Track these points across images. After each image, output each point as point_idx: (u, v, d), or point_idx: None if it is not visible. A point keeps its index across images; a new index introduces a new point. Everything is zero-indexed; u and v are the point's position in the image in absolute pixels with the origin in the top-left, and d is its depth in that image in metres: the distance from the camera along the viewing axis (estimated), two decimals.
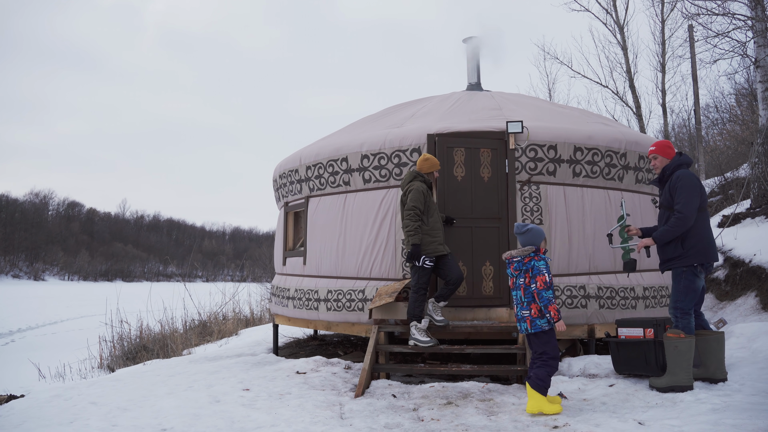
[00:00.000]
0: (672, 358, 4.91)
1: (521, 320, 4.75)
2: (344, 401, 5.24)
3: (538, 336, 4.68)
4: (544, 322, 4.62)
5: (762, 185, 10.77)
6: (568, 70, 29.45)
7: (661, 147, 5.27)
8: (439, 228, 6.16)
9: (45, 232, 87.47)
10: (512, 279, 4.82)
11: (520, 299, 4.75)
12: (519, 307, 4.77)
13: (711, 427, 3.90)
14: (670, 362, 4.94)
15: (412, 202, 6.02)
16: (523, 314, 4.72)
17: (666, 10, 18.91)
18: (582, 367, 5.97)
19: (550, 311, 4.58)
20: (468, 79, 9.00)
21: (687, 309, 5.02)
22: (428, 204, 6.12)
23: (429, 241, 6.07)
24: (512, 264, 4.79)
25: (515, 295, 4.81)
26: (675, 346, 4.90)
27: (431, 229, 6.10)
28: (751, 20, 11.40)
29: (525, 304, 4.72)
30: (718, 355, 5.09)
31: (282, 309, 8.08)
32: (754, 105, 16.21)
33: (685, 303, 5.02)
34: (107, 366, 11.31)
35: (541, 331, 4.65)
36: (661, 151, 5.24)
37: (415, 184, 6.11)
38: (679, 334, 4.92)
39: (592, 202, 6.68)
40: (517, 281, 4.77)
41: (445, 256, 6.13)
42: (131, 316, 13.15)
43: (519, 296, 4.77)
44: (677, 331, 4.95)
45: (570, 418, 4.46)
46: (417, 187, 6.07)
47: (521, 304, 4.75)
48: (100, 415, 4.93)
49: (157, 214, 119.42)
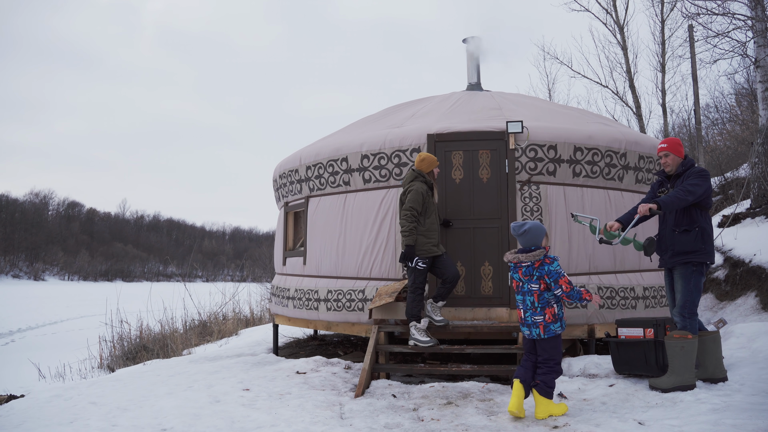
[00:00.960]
0: (678, 358, 4.90)
1: (533, 326, 4.57)
2: (344, 401, 5.24)
3: (549, 341, 4.55)
4: (557, 326, 4.55)
5: (762, 185, 10.77)
6: (568, 70, 29.47)
7: (673, 144, 5.20)
8: (436, 229, 6.15)
9: (45, 232, 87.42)
10: (517, 283, 4.67)
11: (532, 305, 4.56)
12: (530, 312, 4.57)
13: (711, 427, 3.90)
14: (674, 363, 4.92)
15: (409, 203, 6.02)
16: (536, 320, 4.55)
17: (666, 10, 18.90)
18: (582, 367, 5.97)
19: (586, 298, 4.50)
20: (468, 79, 9.01)
21: (695, 309, 5.03)
22: (427, 205, 6.11)
23: (423, 242, 6.08)
24: (520, 269, 4.60)
25: (524, 300, 4.61)
26: (681, 347, 4.89)
27: (427, 230, 6.09)
28: (751, 20, 11.39)
29: (539, 310, 4.54)
30: (716, 355, 5.10)
31: (282, 309, 8.08)
32: (754, 105, 16.22)
33: (694, 303, 5.03)
34: (107, 366, 11.31)
35: (553, 335, 4.54)
36: (673, 149, 5.18)
37: (415, 184, 6.10)
38: (685, 335, 4.92)
39: (592, 202, 6.68)
40: (527, 286, 4.59)
41: (440, 255, 6.13)
42: (131, 316, 13.15)
43: (531, 302, 4.57)
44: (684, 332, 4.94)
45: (570, 418, 4.46)
46: (417, 188, 6.06)
47: (533, 309, 4.56)
48: (100, 415, 4.92)
49: (157, 214, 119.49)
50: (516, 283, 4.69)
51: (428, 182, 6.20)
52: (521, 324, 4.69)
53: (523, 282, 4.61)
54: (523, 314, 4.62)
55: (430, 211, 6.12)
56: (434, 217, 6.16)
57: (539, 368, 4.59)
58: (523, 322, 4.66)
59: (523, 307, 4.63)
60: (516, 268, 4.63)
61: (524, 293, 4.61)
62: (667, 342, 5.01)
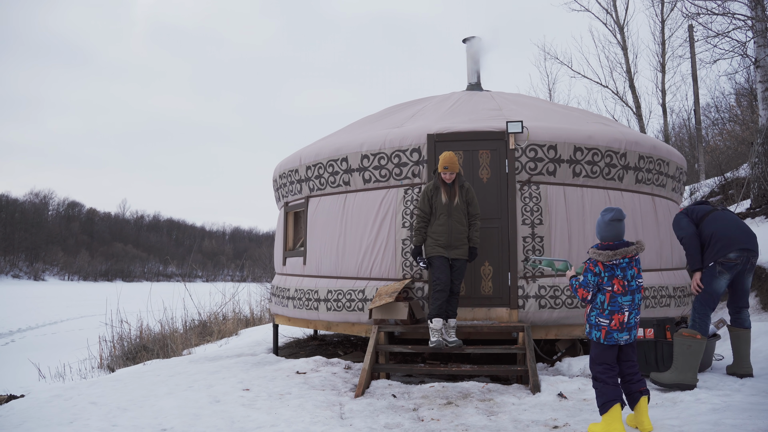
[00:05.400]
0: (684, 356, 4.98)
1: (634, 328, 4.02)
2: (344, 401, 5.24)
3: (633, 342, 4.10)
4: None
5: (762, 185, 10.77)
6: (568, 70, 29.48)
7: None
8: (443, 232, 5.96)
9: (45, 232, 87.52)
10: (621, 282, 3.98)
11: (638, 303, 4.04)
12: (635, 312, 4.02)
13: (711, 427, 3.90)
14: (679, 360, 5.01)
15: (417, 204, 6.06)
16: (637, 320, 4.05)
17: (666, 10, 18.94)
18: (582, 368, 5.98)
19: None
20: (468, 79, 9.01)
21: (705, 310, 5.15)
22: (435, 205, 6.03)
23: (428, 242, 6.05)
24: (633, 262, 4.04)
25: (633, 299, 4.00)
26: (688, 346, 4.98)
27: (433, 231, 6.03)
28: (751, 20, 11.38)
29: (639, 308, 4.05)
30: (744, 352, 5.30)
31: (282, 309, 8.08)
32: (754, 105, 16.21)
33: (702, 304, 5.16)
34: (107, 366, 11.31)
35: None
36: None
37: (425, 185, 6.15)
38: (695, 335, 5.01)
39: (592, 202, 6.68)
40: (635, 283, 4.02)
41: (436, 257, 5.96)
42: (131, 316, 13.14)
43: (639, 299, 4.04)
44: (694, 332, 5.04)
45: (570, 418, 4.46)
46: (424, 188, 6.13)
47: (638, 308, 4.04)
48: (100, 415, 4.92)
49: (157, 214, 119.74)
50: (621, 282, 3.99)
51: (436, 183, 6.11)
52: (618, 331, 3.97)
53: (633, 278, 4.03)
54: (627, 317, 3.99)
55: (438, 211, 6.02)
56: (443, 218, 5.99)
57: (633, 375, 4.08)
58: (622, 328, 3.98)
59: (629, 308, 4.00)
60: (630, 263, 4.02)
61: (633, 291, 4.01)
62: (675, 338, 5.12)
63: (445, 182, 5.99)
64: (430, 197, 6.05)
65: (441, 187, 6.02)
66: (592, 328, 4.05)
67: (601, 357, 4.01)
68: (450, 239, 5.96)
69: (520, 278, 6.43)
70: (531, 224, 6.49)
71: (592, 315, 4.06)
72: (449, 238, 5.96)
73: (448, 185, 6.00)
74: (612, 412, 3.88)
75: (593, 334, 4.03)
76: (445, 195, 5.99)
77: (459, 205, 6.00)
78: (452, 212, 5.99)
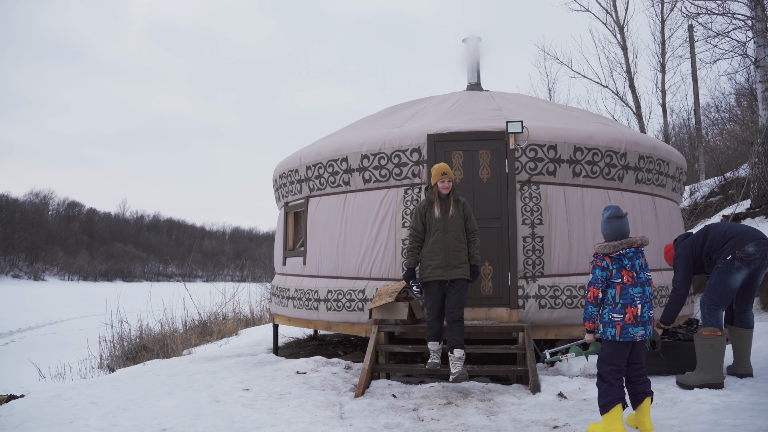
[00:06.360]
0: (707, 355, 4.95)
1: (648, 322, 3.94)
2: (344, 401, 5.24)
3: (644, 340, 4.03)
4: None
5: (762, 185, 10.77)
6: (568, 70, 29.46)
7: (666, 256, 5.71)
8: (440, 250, 5.44)
9: (45, 232, 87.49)
10: (631, 273, 3.95)
11: (649, 297, 3.97)
12: (648, 306, 3.94)
13: (711, 427, 3.90)
14: (703, 360, 4.97)
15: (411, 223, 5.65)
16: (651, 314, 3.95)
17: (666, 10, 18.92)
18: (582, 368, 5.98)
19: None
20: (468, 79, 9.01)
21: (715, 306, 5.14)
22: (428, 222, 5.54)
23: (423, 263, 5.56)
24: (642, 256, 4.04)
25: (644, 291, 3.96)
26: (711, 344, 4.96)
27: (428, 251, 5.51)
28: (751, 20, 11.38)
29: (651, 302, 3.98)
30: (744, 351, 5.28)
31: (282, 309, 8.08)
32: (754, 105, 16.21)
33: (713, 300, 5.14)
34: (107, 366, 11.31)
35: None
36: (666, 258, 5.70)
37: (418, 202, 5.68)
38: (714, 332, 4.97)
39: (592, 202, 6.68)
40: (643, 275, 3.99)
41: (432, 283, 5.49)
42: (131, 316, 13.15)
43: (650, 292, 3.98)
44: (713, 329, 4.99)
45: (570, 418, 4.46)
46: (416, 205, 5.74)
47: (650, 302, 3.97)
48: (100, 415, 4.93)
49: (157, 214, 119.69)
50: (630, 273, 3.96)
51: (430, 197, 5.64)
52: (632, 325, 3.90)
53: (642, 269, 4.00)
54: (641, 310, 3.91)
55: (433, 228, 5.51)
56: (438, 236, 5.46)
57: (640, 377, 4.02)
58: (637, 322, 3.90)
59: (641, 301, 3.93)
60: (636, 253, 4.01)
61: (643, 283, 3.96)
62: (696, 339, 5.07)
63: (440, 195, 5.54)
64: (423, 214, 5.58)
65: (435, 201, 5.55)
66: (605, 326, 3.99)
67: (612, 357, 3.95)
68: (448, 258, 5.44)
69: (520, 278, 6.43)
70: (531, 224, 6.49)
71: (604, 313, 4.01)
72: (447, 256, 5.44)
73: (443, 198, 5.55)
74: (613, 413, 3.87)
75: (607, 332, 3.97)
76: (438, 209, 5.50)
77: (455, 219, 5.50)
78: (448, 227, 5.49)
